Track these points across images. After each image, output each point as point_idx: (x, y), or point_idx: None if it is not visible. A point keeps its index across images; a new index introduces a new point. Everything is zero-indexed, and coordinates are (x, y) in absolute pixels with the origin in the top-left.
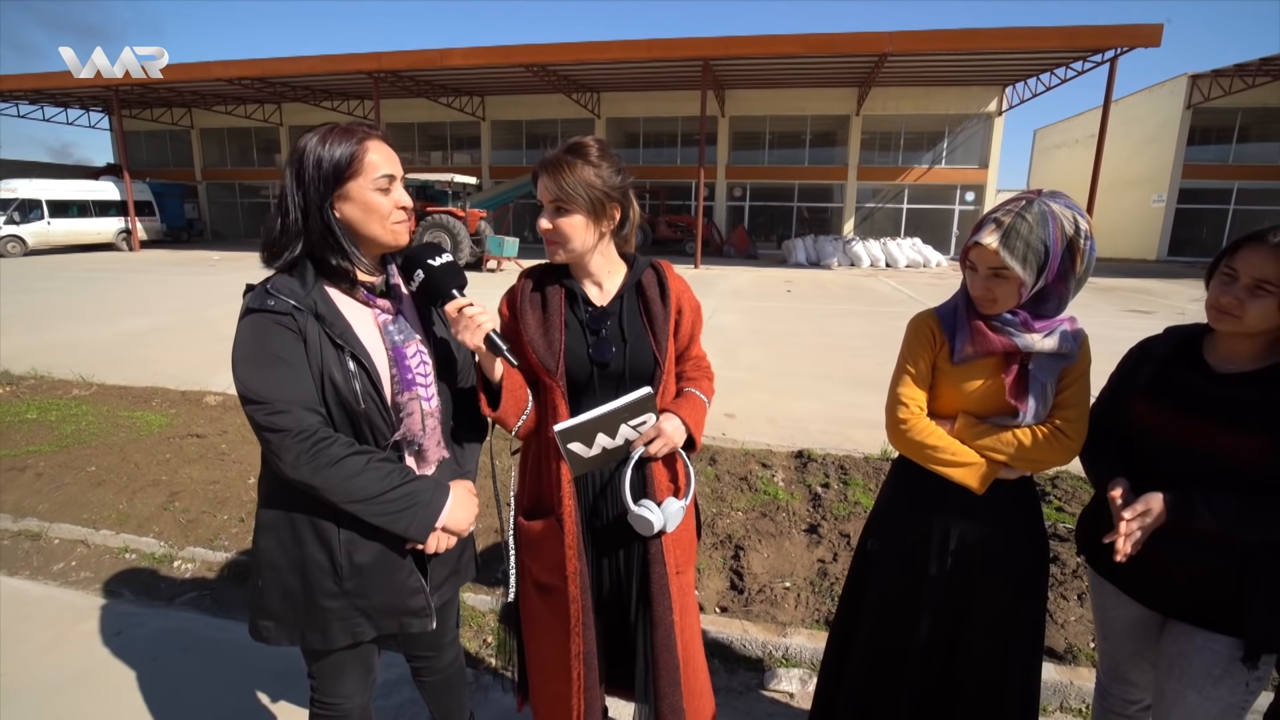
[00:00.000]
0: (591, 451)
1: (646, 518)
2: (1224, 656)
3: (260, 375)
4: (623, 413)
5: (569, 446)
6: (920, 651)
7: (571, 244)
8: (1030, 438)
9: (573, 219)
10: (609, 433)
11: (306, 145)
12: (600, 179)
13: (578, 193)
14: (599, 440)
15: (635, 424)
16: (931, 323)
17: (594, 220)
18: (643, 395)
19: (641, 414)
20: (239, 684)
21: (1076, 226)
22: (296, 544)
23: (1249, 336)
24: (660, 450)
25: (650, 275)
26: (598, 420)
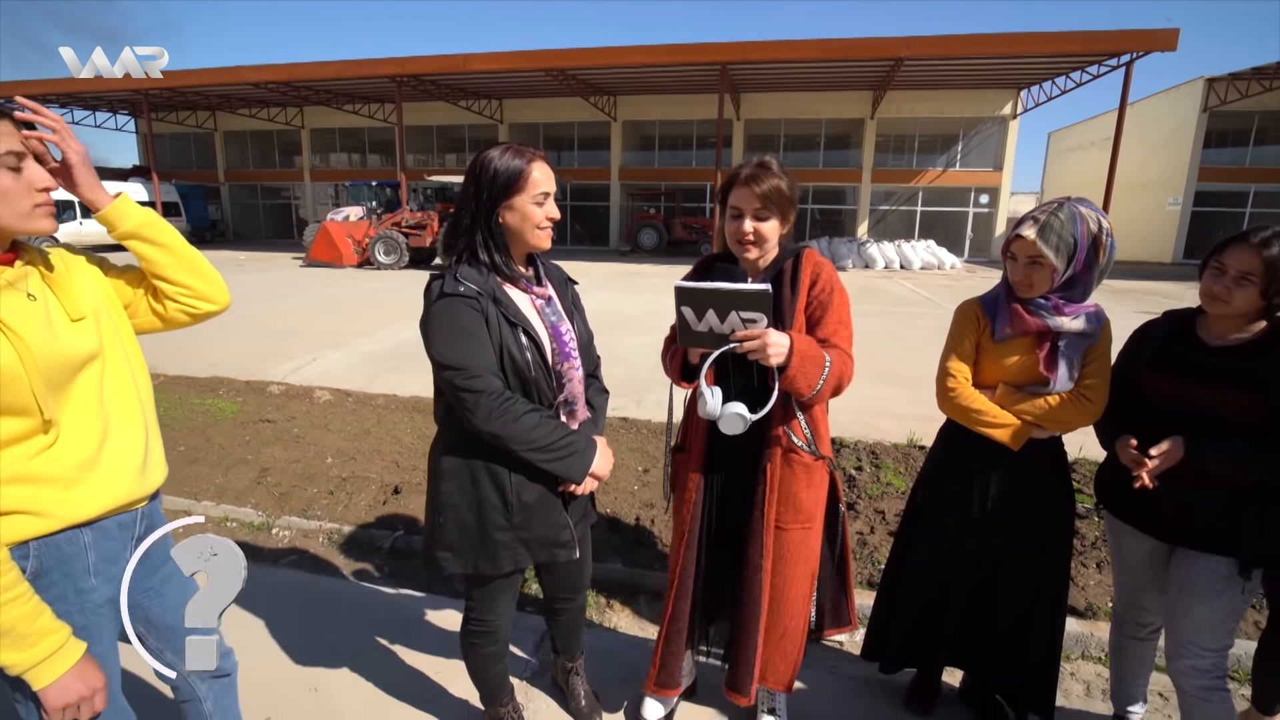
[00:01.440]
0: (699, 326)
1: (704, 395)
2: (1223, 573)
3: (456, 347)
4: (738, 298)
5: (681, 308)
6: (961, 590)
7: (768, 243)
8: (1059, 402)
9: (770, 222)
10: (720, 313)
11: (488, 158)
12: (789, 189)
13: (775, 200)
14: (708, 317)
15: (746, 317)
16: (976, 308)
17: (782, 224)
18: (761, 289)
19: (756, 310)
20: (356, 625)
21: (1100, 225)
22: (474, 486)
23: (1234, 316)
24: (751, 348)
25: (790, 263)
26: (715, 293)
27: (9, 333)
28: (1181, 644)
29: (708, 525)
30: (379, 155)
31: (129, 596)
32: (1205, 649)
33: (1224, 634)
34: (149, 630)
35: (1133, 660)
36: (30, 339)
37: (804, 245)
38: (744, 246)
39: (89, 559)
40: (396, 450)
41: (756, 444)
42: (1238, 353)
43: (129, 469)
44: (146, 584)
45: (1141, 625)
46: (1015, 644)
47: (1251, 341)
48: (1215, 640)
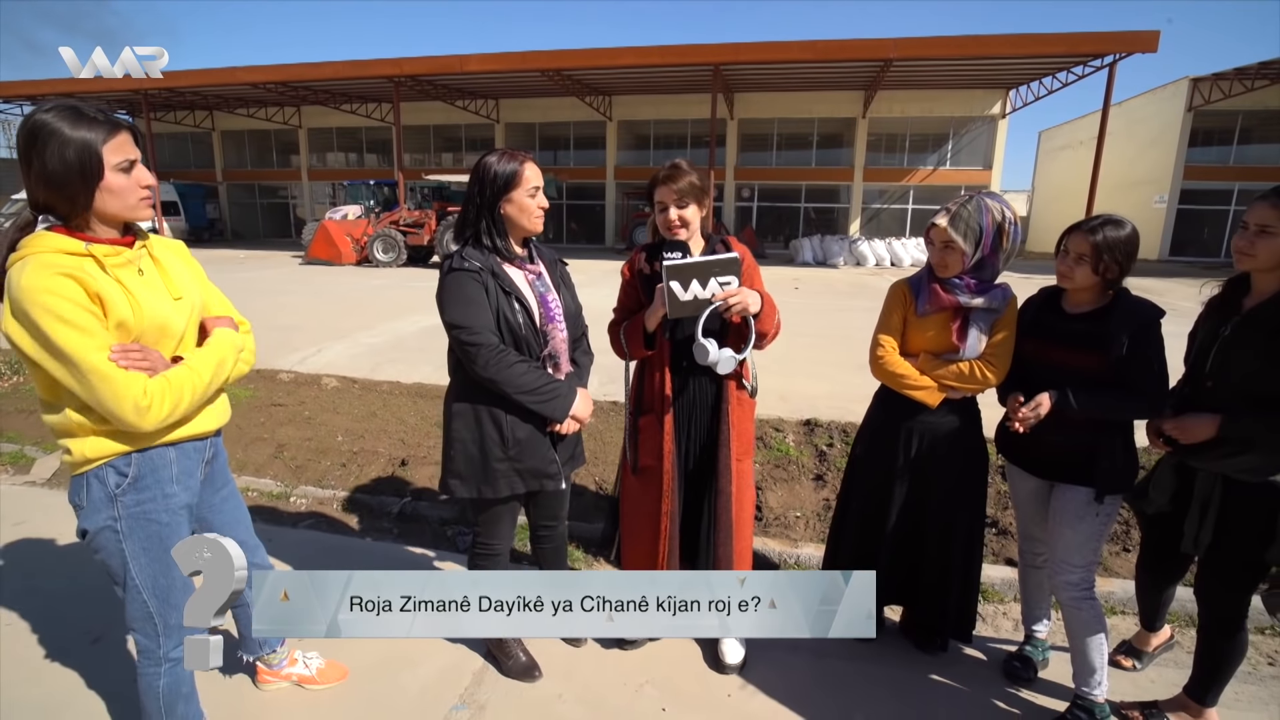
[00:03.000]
0: (686, 295)
1: (705, 347)
2: (1084, 501)
3: (462, 310)
4: (714, 266)
5: (670, 284)
6: (895, 519)
7: (692, 224)
8: (969, 368)
9: (690, 208)
10: (701, 281)
11: (488, 163)
12: (700, 181)
13: (690, 191)
14: (693, 287)
15: (722, 281)
16: (904, 287)
17: (700, 208)
18: (732, 257)
19: (728, 274)
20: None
21: (1004, 215)
22: (478, 425)
23: (1081, 290)
24: (736, 301)
25: (720, 247)
26: (695, 265)
27: (129, 294)
28: (1057, 563)
29: (681, 471)
30: (376, 155)
31: (199, 510)
32: (1074, 565)
33: (1089, 552)
34: None
35: (1033, 585)
36: (143, 302)
37: (723, 235)
38: (673, 231)
39: (173, 470)
40: (402, 429)
41: (716, 394)
42: (1086, 319)
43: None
44: (210, 500)
45: (1035, 554)
46: (939, 579)
47: (1097, 310)
48: (1082, 558)
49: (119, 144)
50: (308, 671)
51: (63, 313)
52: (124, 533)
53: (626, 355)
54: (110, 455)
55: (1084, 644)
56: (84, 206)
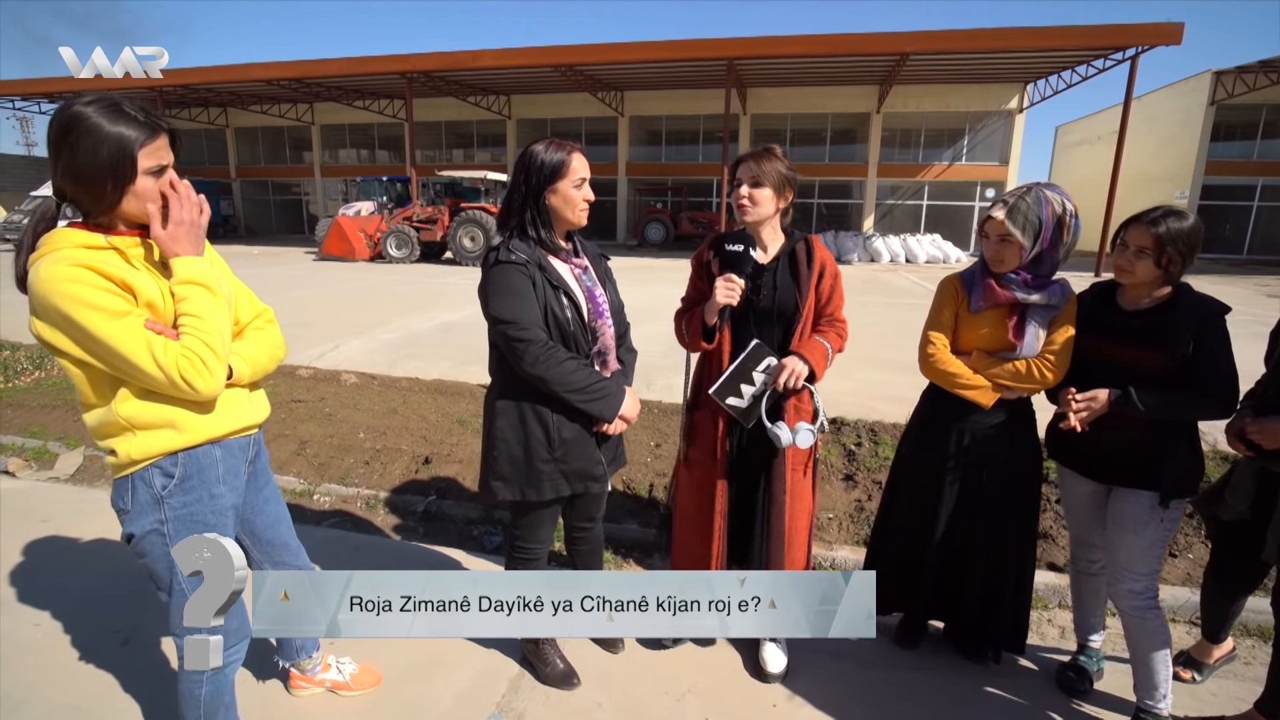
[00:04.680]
0: (745, 401)
1: (778, 434)
2: (1147, 506)
3: (509, 304)
4: (746, 364)
5: (728, 403)
6: (944, 523)
7: (760, 207)
8: (1025, 367)
9: (764, 190)
10: (747, 381)
11: (535, 151)
12: (786, 169)
13: (770, 174)
14: (744, 390)
15: (762, 369)
16: (955, 282)
17: (777, 195)
18: (752, 346)
19: (762, 360)
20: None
21: (1064, 207)
22: (523, 424)
23: (1141, 284)
24: (787, 380)
25: (802, 246)
26: (733, 375)
27: (158, 279)
28: (1119, 571)
29: (734, 471)
30: (388, 151)
31: (243, 512)
32: (1138, 573)
33: (1153, 559)
34: (254, 543)
35: (1088, 594)
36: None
37: (809, 233)
38: (741, 208)
39: (219, 470)
40: (424, 427)
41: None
42: (1146, 316)
43: (240, 399)
44: (253, 501)
45: (1090, 561)
46: (989, 588)
47: (1158, 306)
48: (1145, 565)
49: (155, 148)
50: (341, 677)
51: (92, 299)
52: (170, 536)
53: (688, 346)
54: (156, 455)
55: (1148, 656)
56: (110, 206)
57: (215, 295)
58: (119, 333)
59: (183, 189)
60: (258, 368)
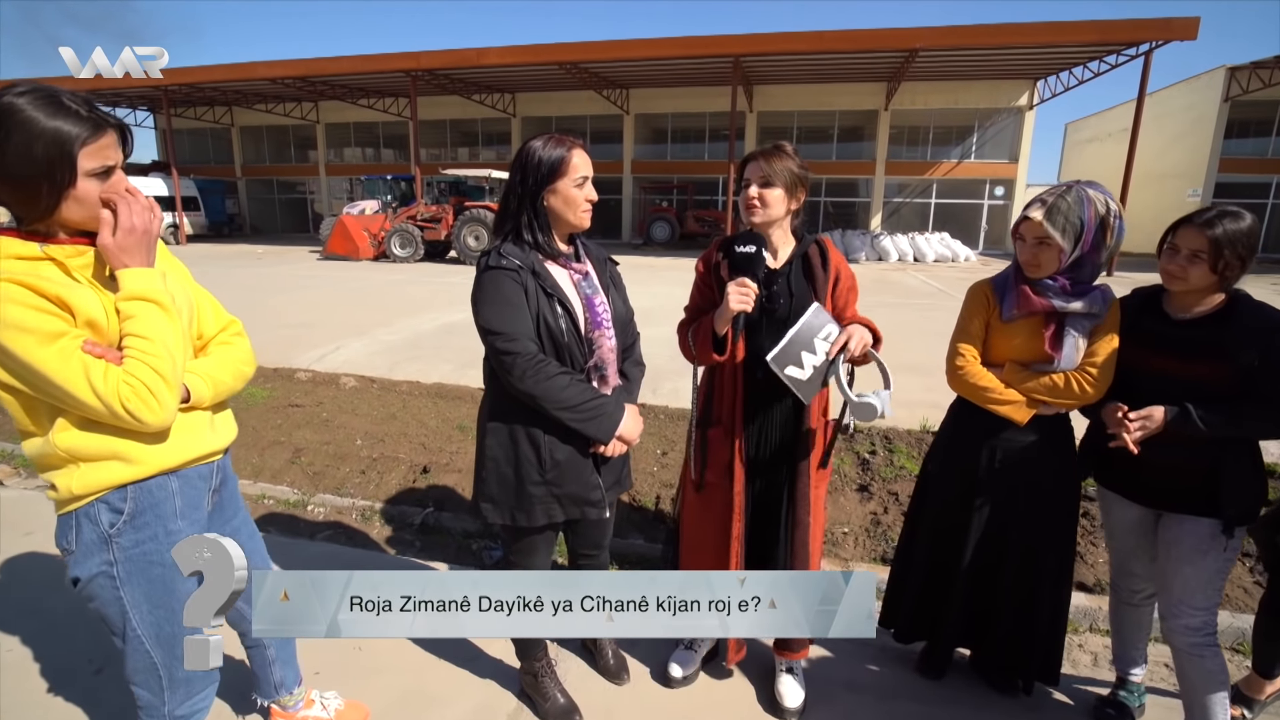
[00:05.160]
0: (806, 372)
1: (871, 403)
2: (1207, 534)
3: (498, 314)
4: (807, 330)
5: (786, 373)
6: (973, 546)
7: (770, 209)
8: (1064, 380)
9: (774, 191)
10: (809, 349)
11: (532, 148)
12: (797, 167)
13: (780, 173)
14: (806, 360)
15: (823, 336)
16: (986, 289)
17: (788, 196)
18: (813, 309)
19: (822, 326)
20: None
21: (1108, 208)
22: (513, 443)
23: (1193, 291)
24: (857, 346)
25: (815, 249)
26: (794, 340)
27: (101, 292)
28: (1173, 604)
29: (749, 491)
30: (393, 150)
31: None
32: (1196, 608)
33: (1213, 592)
34: None
35: (1130, 625)
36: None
37: (821, 234)
38: (750, 210)
39: (176, 503)
40: (423, 433)
41: (794, 412)
42: (1202, 324)
43: (200, 424)
44: (221, 531)
45: (1134, 591)
46: (1020, 616)
47: (1213, 313)
48: (1205, 599)
49: (100, 147)
50: (325, 714)
51: (20, 320)
52: (121, 579)
53: (695, 359)
54: (102, 489)
55: (1205, 698)
56: (46, 211)
57: (167, 312)
58: (52, 358)
59: (133, 193)
60: (221, 388)
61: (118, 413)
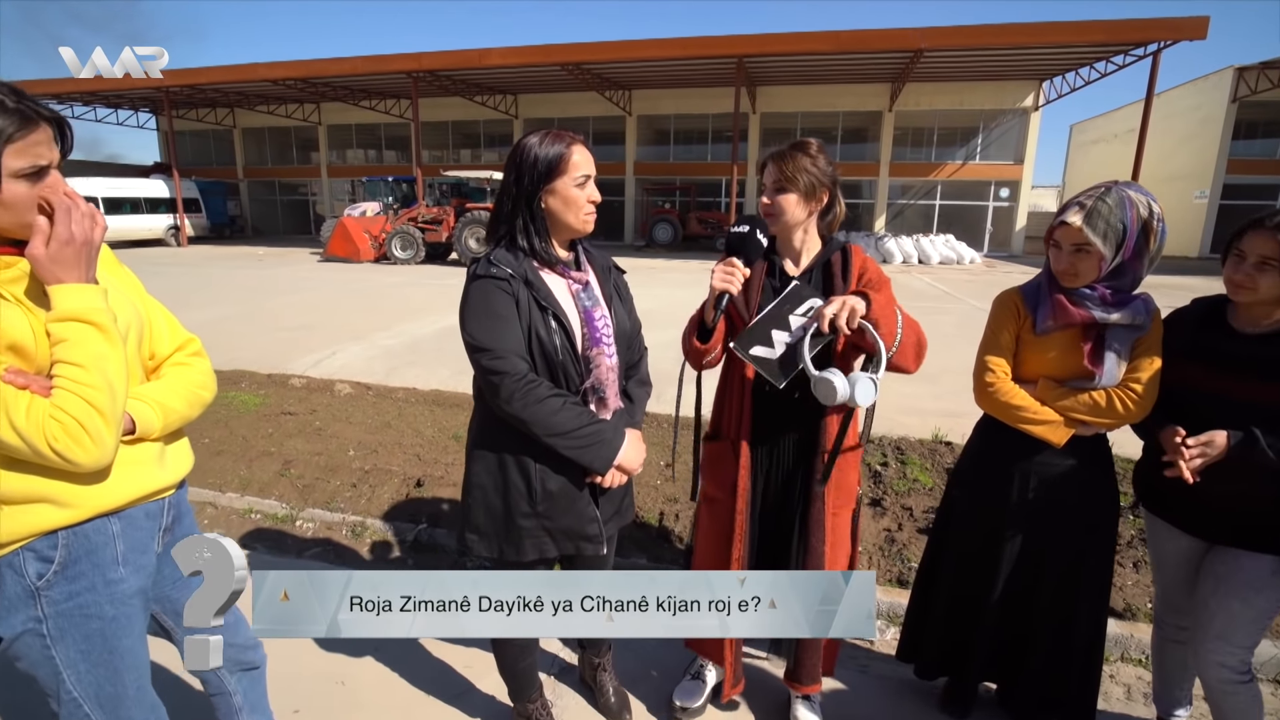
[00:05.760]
0: (777, 351)
1: (831, 383)
2: (1267, 571)
3: (485, 328)
4: (783, 307)
5: (753, 353)
6: (1003, 577)
7: (785, 215)
8: (1105, 398)
9: (789, 196)
10: (781, 328)
11: (528, 145)
12: (816, 168)
13: (795, 176)
14: (775, 336)
15: (803, 311)
16: (1016, 298)
17: (805, 200)
18: (793, 286)
19: (803, 302)
20: None
21: (1150, 210)
22: (501, 470)
23: (1263, 303)
24: (835, 312)
25: (838, 256)
26: (763, 321)
27: (29, 312)
28: (1212, 639)
29: (756, 515)
30: (395, 151)
31: (159, 588)
32: (1235, 645)
33: (1256, 631)
34: (178, 623)
35: (1175, 664)
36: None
37: (848, 241)
38: (767, 217)
39: (117, 548)
40: (418, 443)
41: (810, 428)
42: (1268, 341)
43: (148, 458)
44: (175, 574)
45: (1181, 628)
46: (1054, 650)
47: None
48: (1248, 637)
49: (30, 144)
50: None
51: None
52: (53, 636)
53: (687, 357)
54: (28, 536)
55: None
56: None
57: (106, 335)
58: None
59: (72, 197)
60: (172, 416)
61: (43, 452)
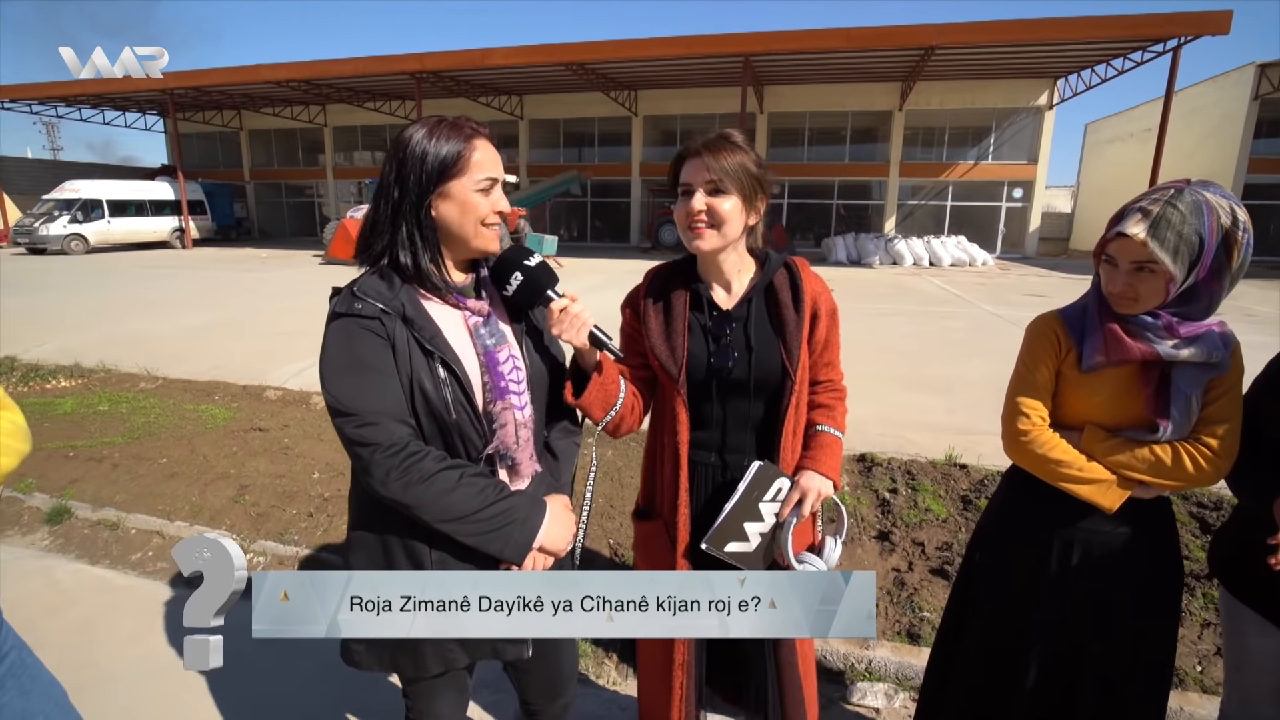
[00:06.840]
0: (753, 544)
1: (813, 569)
2: None
3: (349, 385)
4: (751, 494)
5: (728, 549)
6: (1030, 685)
7: (726, 226)
8: (1171, 455)
9: (728, 200)
10: (753, 518)
11: (412, 138)
12: (755, 166)
13: (735, 175)
14: (749, 529)
15: (771, 497)
16: (1056, 326)
17: (746, 206)
18: (757, 469)
19: (770, 485)
20: (325, 675)
21: (1234, 217)
22: (388, 564)
23: None
24: (813, 503)
25: (783, 276)
26: (732, 515)
27: None
28: None
29: None
30: None
31: None
32: None
33: None
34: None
35: None
36: None
37: (786, 255)
38: (694, 231)
39: None
40: None
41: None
42: None
43: None
44: None
45: None
46: None
47: None
48: None
49: None
50: None
51: None
52: None
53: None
54: None
55: None
56: None
57: None
58: None
59: None
60: None
61: None
